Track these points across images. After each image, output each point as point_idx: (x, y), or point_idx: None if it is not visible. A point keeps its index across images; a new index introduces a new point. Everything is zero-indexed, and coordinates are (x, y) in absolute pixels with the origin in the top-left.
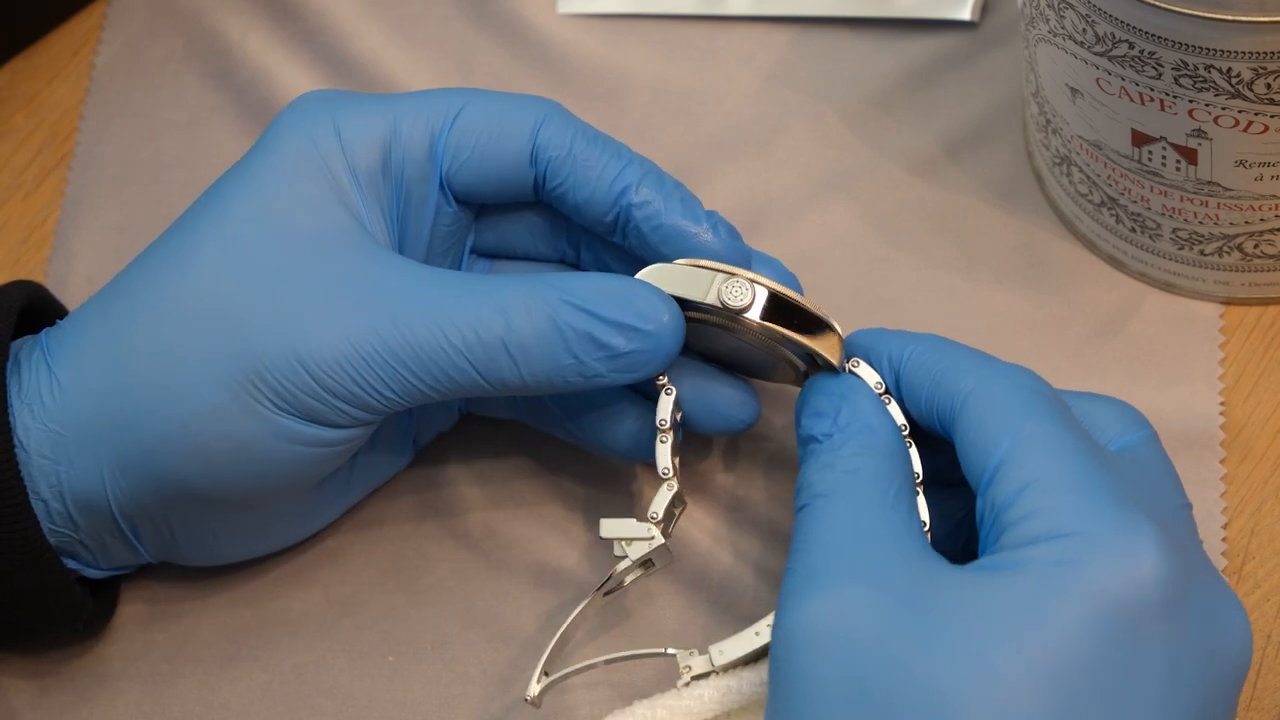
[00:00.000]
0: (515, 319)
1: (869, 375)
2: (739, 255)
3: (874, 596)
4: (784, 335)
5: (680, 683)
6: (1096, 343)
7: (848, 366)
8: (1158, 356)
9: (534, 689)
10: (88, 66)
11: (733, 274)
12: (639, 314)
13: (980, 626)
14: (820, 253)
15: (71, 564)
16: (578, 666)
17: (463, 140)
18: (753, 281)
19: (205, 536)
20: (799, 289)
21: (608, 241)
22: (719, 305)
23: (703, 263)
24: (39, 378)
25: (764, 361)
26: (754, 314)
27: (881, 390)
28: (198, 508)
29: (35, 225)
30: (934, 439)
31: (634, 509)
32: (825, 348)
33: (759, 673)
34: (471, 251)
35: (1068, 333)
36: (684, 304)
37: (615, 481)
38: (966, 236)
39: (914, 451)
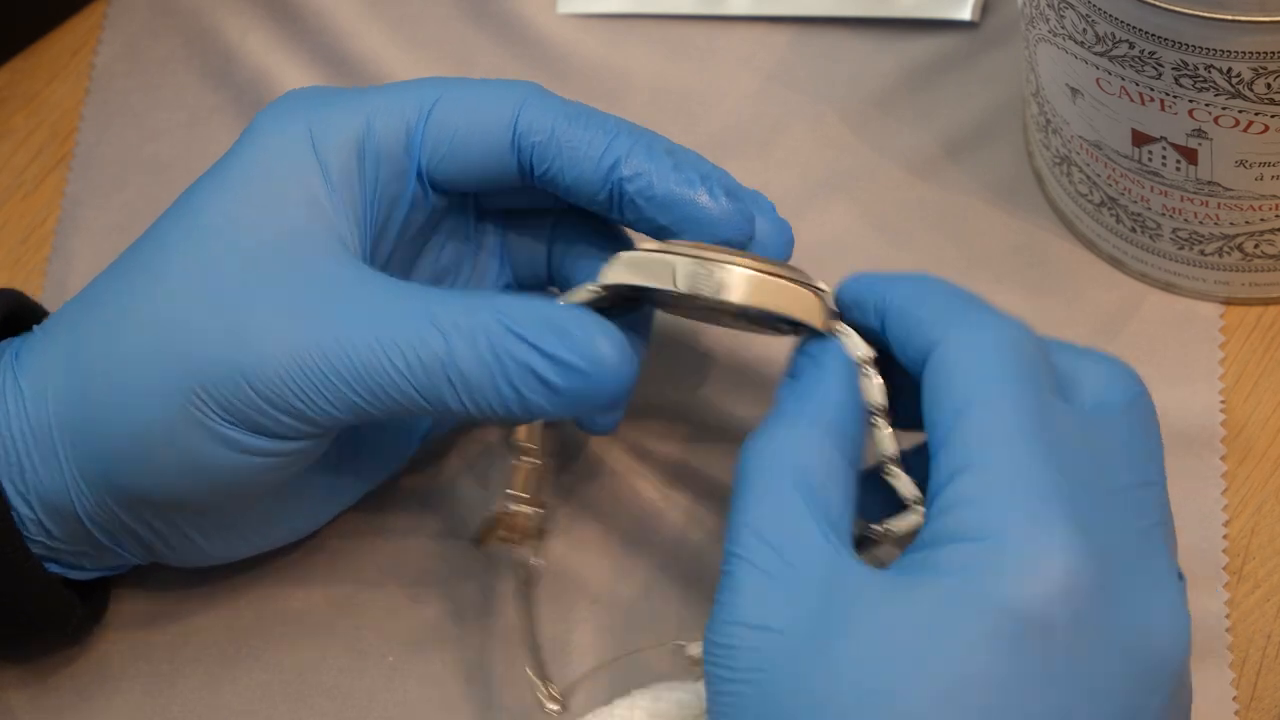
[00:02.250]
0: (456, 344)
1: (855, 346)
2: (739, 217)
3: (789, 614)
4: (761, 311)
5: (694, 676)
6: (1096, 343)
7: (834, 328)
8: (1158, 356)
9: (548, 702)
10: (87, 66)
11: (701, 258)
12: (577, 351)
13: (885, 643)
14: (820, 253)
15: (55, 569)
16: (592, 668)
17: (440, 134)
18: (724, 263)
19: (182, 541)
20: (788, 239)
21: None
22: (691, 294)
23: (675, 246)
24: (5, 385)
25: (758, 326)
26: (728, 296)
27: (864, 358)
28: (163, 514)
29: (35, 225)
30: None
31: (633, 509)
32: (806, 312)
33: None
34: (481, 218)
35: (1068, 333)
36: (659, 292)
37: (615, 482)
38: (966, 236)
39: (885, 433)
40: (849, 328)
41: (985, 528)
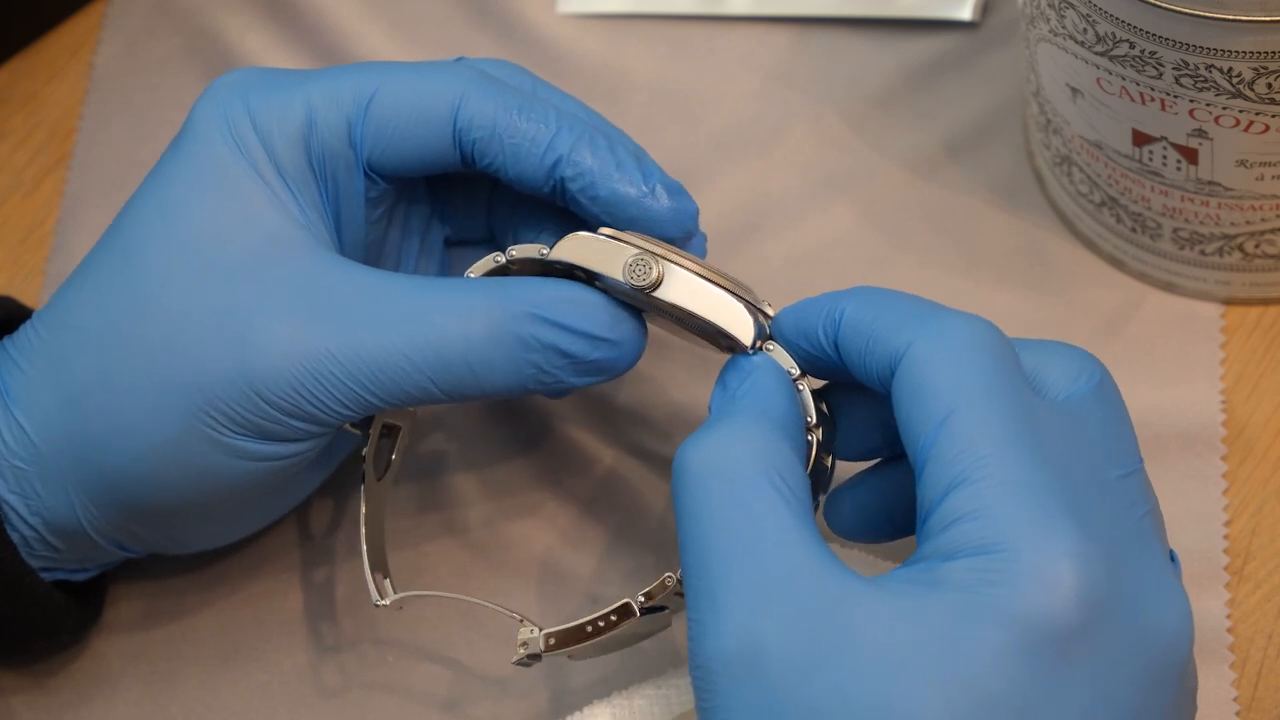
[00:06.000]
0: (476, 334)
1: (783, 359)
2: (682, 215)
3: (783, 629)
4: (690, 314)
5: (514, 659)
6: (1097, 343)
7: (764, 347)
8: (1158, 356)
9: (378, 597)
10: (87, 66)
11: (644, 249)
12: (604, 324)
13: (895, 659)
14: (820, 253)
15: (57, 574)
16: (428, 593)
17: (380, 129)
18: (662, 257)
19: (190, 536)
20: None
21: None
22: (625, 283)
23: (624, 235)
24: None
25: (694, 333)
26: (660, 293)
27: (795, 375)
28: (173, 519)
29: (35, 225)
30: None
31: (631, 507)
32: (737, 327)
33: None
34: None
35: (1068, 333)
36: (601, 277)
37: (615, 481)
38: (966, 236)
39: (814, 450)
40: (777, 346)
41: (993, 540)
